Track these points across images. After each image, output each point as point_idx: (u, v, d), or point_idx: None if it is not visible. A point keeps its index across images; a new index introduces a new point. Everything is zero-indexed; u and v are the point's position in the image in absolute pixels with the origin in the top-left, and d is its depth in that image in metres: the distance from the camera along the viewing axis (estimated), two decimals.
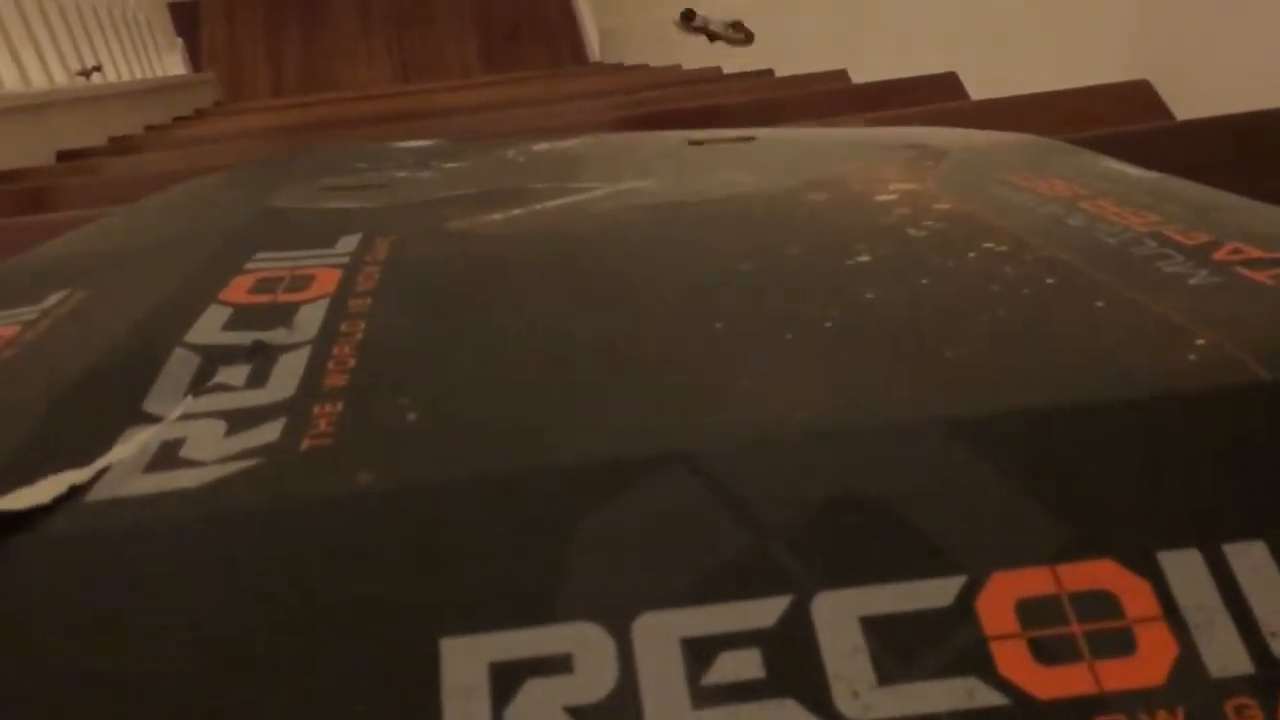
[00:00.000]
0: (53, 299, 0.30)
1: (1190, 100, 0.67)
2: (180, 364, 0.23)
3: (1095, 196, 0.30)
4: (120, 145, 1.55)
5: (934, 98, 0.92)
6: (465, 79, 3.58)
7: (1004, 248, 0.26)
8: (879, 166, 0.38)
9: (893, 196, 0.32)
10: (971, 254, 0.26)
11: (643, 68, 2.53)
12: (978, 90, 0.95)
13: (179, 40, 3.15)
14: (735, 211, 0.33)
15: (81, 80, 1.87)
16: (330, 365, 0.23)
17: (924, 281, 0.24)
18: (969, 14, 0.97)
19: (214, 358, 0.23)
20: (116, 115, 1.93)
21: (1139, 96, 0.69)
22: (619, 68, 2.76)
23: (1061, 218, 0.28)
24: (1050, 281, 0.23)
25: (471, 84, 2.72)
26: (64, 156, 1.44)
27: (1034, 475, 0.17)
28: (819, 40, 1.39)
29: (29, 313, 0.29)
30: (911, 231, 0.28)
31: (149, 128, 2.11)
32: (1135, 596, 0.15)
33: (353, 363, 0.23)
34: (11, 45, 1.53)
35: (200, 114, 2.80)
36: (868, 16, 1.23)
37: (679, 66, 2.22)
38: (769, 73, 1.53)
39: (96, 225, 0.43)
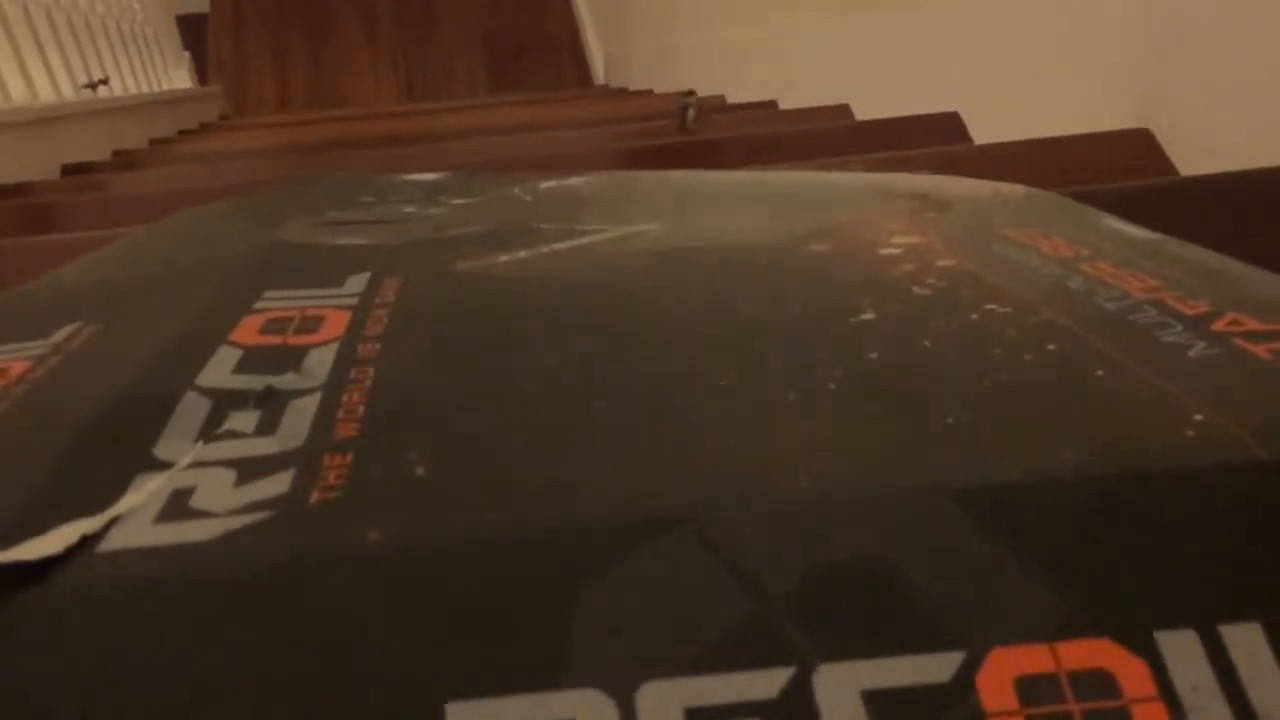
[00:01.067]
0: (62, 333, 0.30)
1: (1190, 151, 0.68)
2: (191, 408, 0.23)
3: (1096, 258, 0.30)
4: (124, 160, 1.56)
5: (936, 137, 0.93)
6: (471, 98, 3.60)
7: (1006, 310, 0.26)
8: (882, 217, 0.38)
9: (896, 250, 0.33)
10: (974, 315, 0.26)
11: (648, 94, 2.54)
12: (979, 129, 0.96)
13: (186, 54, 3.16)
14: (741, 260, 0.33)
15: (88, 93, 1.88)
16: (340, 414, 0.23)
17: (927, 343, 0.25)
18: (971, 54, 0.98)
19: (224, 402, 0.24)
20: (121, 128, 1.94)
21: (1139, 145, 0.69)
22: (624, 93, 2.77)
23: (1063, 280, 0.29)
24: (1051, 348, 0.24)
25: (478, 104, 2.73)
26: (68, 170, 1.45)
27: (1033, 549, 0.17)
28: (822, 74, 1.40)
29: (39, 347, 0.29)
30: (915, 289, 0.28)
31: (153, 141, 2.12)
32: (1132, 676, 0.15)
33: (362, 411, 0.23)
34: (20, 57, 1.54)
35: (205, 128, 2.81)
36: (871, 52, 1.24)
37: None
38: (772, 104, 1.54)
39: (104, 253, 0.43)
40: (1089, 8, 0.79)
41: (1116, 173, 0.68)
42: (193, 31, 3.97)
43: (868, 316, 0.27)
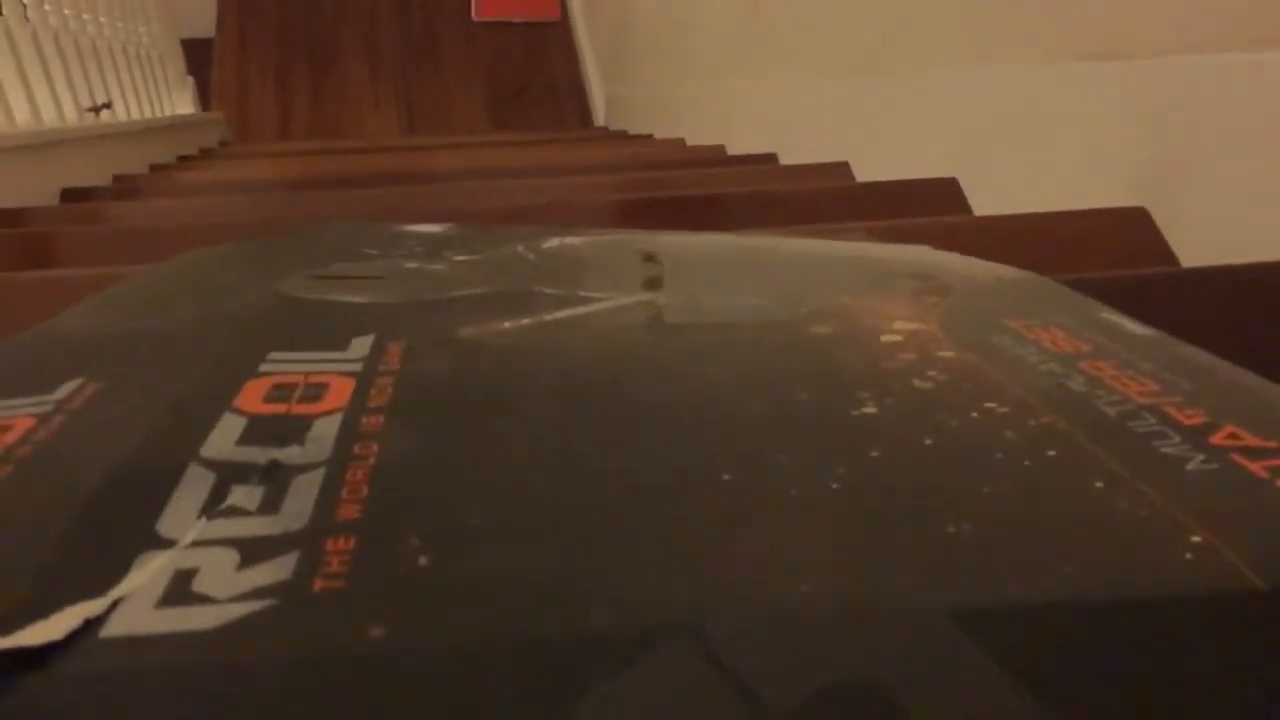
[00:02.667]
0: (66, 389, 0.30)
1: (1188, 232, 0.69)
2: (195, 482, 0.23)
3: (1096, 356, 0.31)
4: (124, 187, 1.56)
5: (934, 203, 0.94)
6: (472, 135, 3.62)
7: (1006, 409, 0.27)
8: (884, 299, 0.38)
9: (897, 338, 0.33)
10: (974, 414, 0.26)
11: (648, 139, 2.56)
12: (977, 196, 0.97)
13: (190, 78, 3.18)
14: (743, 342, 0.33)
15: (90, 116, 1.88)
16: (344, 493, 0.23)
17: (928, 442, 0.25)
18: (970, 121, 0.99)
19: (228, 476, 0.24)
20: (122, 153, 1.95)
21: (1136, 224, 0.70)
22: (624, 137, 2.79)
23: (1062, 379, 0.29)
24: (1051, 454, 0.24)
25: (478, 143, 2.75)
26: (68, 195, 1.45)
27: (1030, 672, 0.17)
28: (822, 130, 1.42)
29: (43, 403, 0.29)
30: (916, 382, 0.29)
31: (154, 167, 2.13)
32: None
33: (365, 492, 0.23)
34: (26, 81, 1.55)
35: (205, 154, 2.82)
36: (871, 112, 1.26)
37: (683, 141, 2.25)
38: (772, 157, 1.56)
39: (105, 299, 0.43)
40: (1088, 80, 0.80)
41: (1114, 252, 0.68)
42: (198, 56, 3.99)
43: (869, 410, 0.27)
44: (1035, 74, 0.88)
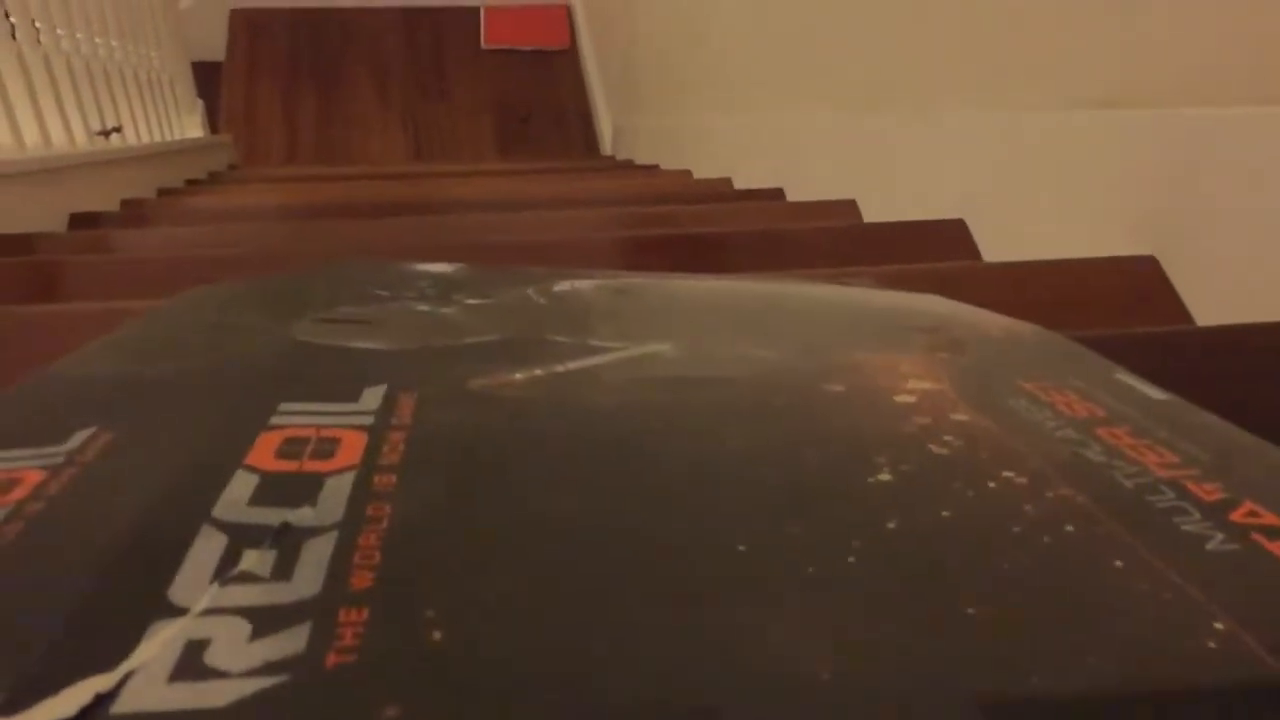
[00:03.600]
0: (78, 438, 0.30)
1: (1198, 282, 0.69)
2: (206, 544, 0.23)
3: (1112, 421, 0.31)
4: (132, 213, 1.57)
5: (942, 244, 0.94)
6: (478, 162, 3.64)
7: (1024, 479, 0.26)
8: (896, 356, 0.38)
9: (911, 398, 0.33)
10: (992, 483, 0.26)
11: (655, 170, 2.57)
12: (984, 237, 0.97)
13: (200, 102, 3.19)
14: (756, 400, 0.33)
15: (100, 140, 1.89)
16: (356, 559, 0.23)
17: (945, 514, 0.25)
18: (978, 162, 1.00)
19: (240, 539, 0.24)
20: (131, 176, 1.95)
21: (1146, 274, 0.70)
22: (631, 167, 2.80)
23: (1079, 447, 0.29)
24: (1069, 529, 0.24)
25: (486, 171, 2.76)
26: (76, 220, 1.45)
27: None
28: (829, 166, 1.42)
29: (55, 455, 0.29)
30: (932, 448, 0.29)
31: (161, 191, 2.14)
32: None
33: (378, 559, 0.23)
34: (37, 105, 1.55)
35: (213, 177, 2.83)
36: (878, 149, 1.26)
37: (689, 173, 2.26)
38: (779, 193, 1.56)
39: (115, 340, 0.43)
40: (1099, 128, 0.81)
41: (1123, 302, 0.68)
42: (209, 78, 4.01)
43: (885, 477, 0.27)
44: (1046, 120, 0.88)
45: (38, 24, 1.69)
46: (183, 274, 0.89)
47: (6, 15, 1.55)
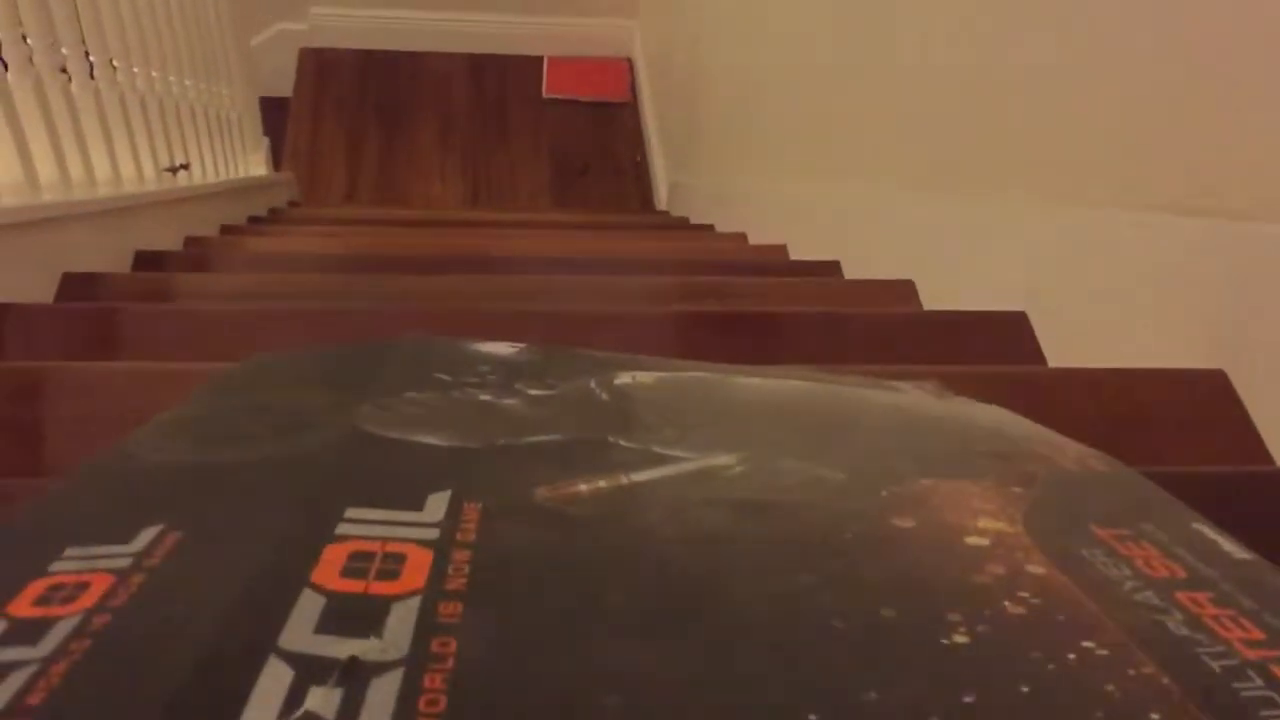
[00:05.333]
0: (144, 538, 0.30)
1: (1267, 399, 0.67)
2: (273, 678, 0.23)
3: (1194, 585, 0.30)
4: (195, 253, 1.59)
5: (1005, 338, 0.93)
6: (535, 211, 3.67)
7: (1105, 652, 0.26)
8: (966, 483, 0.38)
9: (984, 541, 0.32)
10: (1072, 655, 0.25)
11: (710, 231, 2.58)
12: (1043, 330, 0.96)
13: (265, 139, 3.25)
14: (825, 534, 0.33)
15: (168, 177, 1.93)
16: (421, 704, 0.23)
17: (1024, 689, 0.24)
18: (1037, 253, 0.99)
19: (306, 673, 0.23)
20: (195, 213, 1.99)
21: (1214, 390, 0.69)
22: (687, 226, 2.81)
23: (1161, 614, 0.28)
24: (1155, 718, 0.23)
25: (541, 222, 2.78)
26: (141, 258, 1.48)
27: None
28: (886, 242, 1.42)
29: (121, 556, 0.29)
30: (1008, 605, 0.28)
31: (225, 229, 2.17)
32: None
33: (443, 705, 0.23)
34: (110, 144, 1.59)
35: (273, 214, 2.87)
36: (936, 230, 1.25)
37: (745, 237, 2.26)
38: (835, 266, 1.56)
39: (179, 419, 0.43)
40: (1168, 233, 0.80)
41: (1192, 419, 0.67)
42: (277, 112, 4.09)
43: (961, 639, 0.26)
44: (1116, 218, 0.88)
45: (115, 63, 1.73)
46: (243, 329, 0.90)
47: (87, 55, 1.59)
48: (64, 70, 1.45)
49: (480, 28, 4.72)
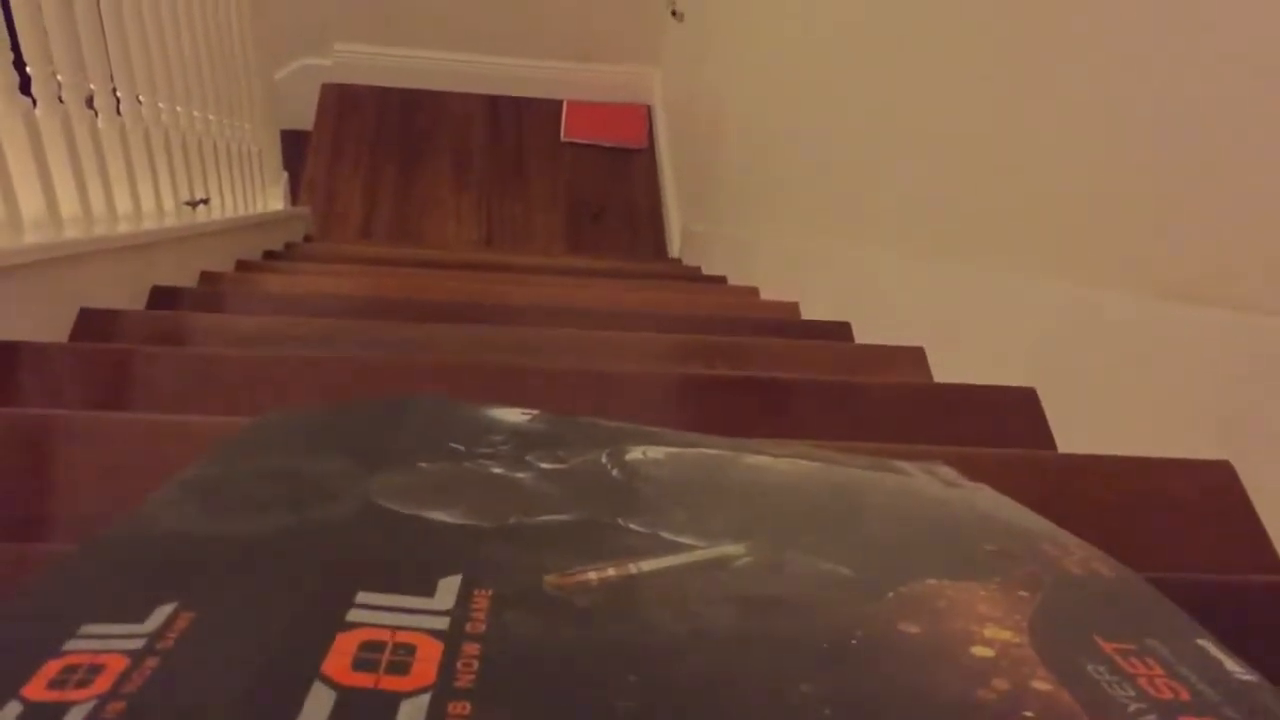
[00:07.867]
0: (157, 618, 0.30)
1: (1274, 493, 0.67)
2: None
3: (1198, 710, 0.30)
4: (209, 290, 1.61)
5: (1013, 415, 0.93)
6: (548, 255, 3.68)
7: None
8: (972, 584, 0.38)
9: (990, 652, 0.32)
10: None
11: (722, 284, 2.59)
12: (1051, 407, 0.96)
13: (284, 174, 3.28)
14: (832, 636, 0.33)
15: (187, 211, 1.94)
16: None
17: None
18: (1049, 331, 0.99)
19: None
20: (212, 247, 2.00)
21: (1220, 480, 0.69)
22: (698, 277, 2.82)
23: None
24: None
25: (555, 268, 2.80)
26: (157, 293, 1.49)
27: None
28: (896, 306, 1.42)
29: (135, 637, 0.29)
30: None
31: (240, 264, 2.19)
32: None
33: None
34: (131, 176, 1.60)
35: (289, 249, 2.89)
36: (946, 297, 1.26)
37: (757, 292, 2.27)
38: (846, 327, 1.56)
39: (191, 484, 0.44)
40: (1179, 321, 0.80)
41: (1199, 511, 0.67)
42: (297, 146, 4.13)
43: None
44: (1126, 301, 0.88)
45: (141, 98, 1.75)
46: (255, 375, 0.91)
47: (114, 91, 1.61)
48: (90, 104, 1.47)
49: (501, 70, 4.77)
